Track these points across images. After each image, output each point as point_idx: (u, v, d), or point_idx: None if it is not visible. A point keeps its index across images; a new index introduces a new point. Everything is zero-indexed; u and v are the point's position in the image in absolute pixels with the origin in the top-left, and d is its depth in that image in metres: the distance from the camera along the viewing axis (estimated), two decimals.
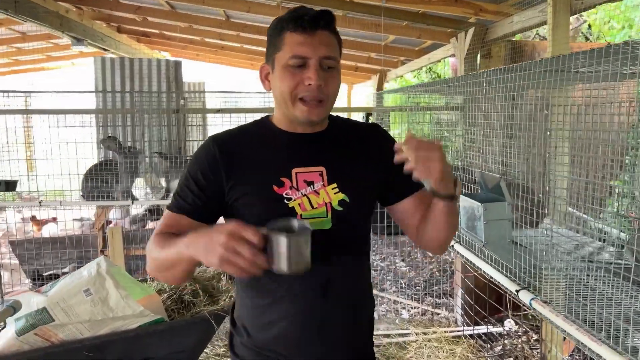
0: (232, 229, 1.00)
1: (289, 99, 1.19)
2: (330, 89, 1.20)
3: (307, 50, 1.15)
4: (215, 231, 1.02)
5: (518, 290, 1.46)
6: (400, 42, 5.22)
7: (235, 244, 0.98)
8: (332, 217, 1.21)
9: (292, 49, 1.16)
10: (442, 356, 3.47)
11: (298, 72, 1.17)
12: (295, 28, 1.16)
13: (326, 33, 1.18)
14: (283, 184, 1.21)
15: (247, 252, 0.98)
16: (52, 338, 2.10)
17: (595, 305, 1.25)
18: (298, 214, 1.19)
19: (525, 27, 3.09)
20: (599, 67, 1.50)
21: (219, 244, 0.99)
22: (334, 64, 1.20)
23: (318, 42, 1.16)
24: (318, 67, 1.16)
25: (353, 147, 1.31)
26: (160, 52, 8.62)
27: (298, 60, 1.16)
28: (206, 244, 1.02)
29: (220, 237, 0.99)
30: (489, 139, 2.41)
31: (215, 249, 0.99)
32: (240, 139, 1.28)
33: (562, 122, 2.00)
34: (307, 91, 1.17)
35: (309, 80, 1.15)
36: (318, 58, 1.16)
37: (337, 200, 1.22)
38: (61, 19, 5.00)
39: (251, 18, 5.09)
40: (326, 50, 1.17)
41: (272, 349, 1.24)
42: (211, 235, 1.02)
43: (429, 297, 4.66)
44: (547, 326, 2.65)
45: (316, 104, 1.18)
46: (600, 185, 1.86)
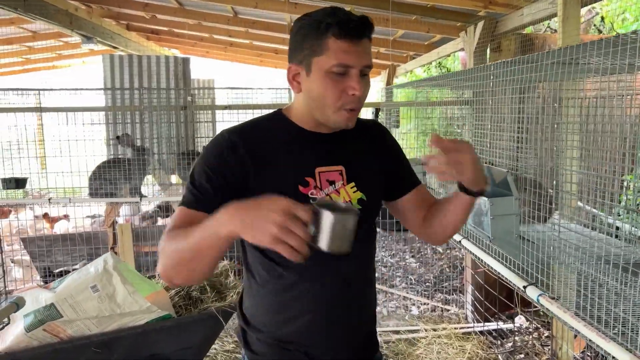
0: (286, 206, 0.93)
1: (332, 106, 1.17)
2: (365, 95, 1.20)
3: (353, 60, 1.13)
4: (266, 207, 0.93)
5: (525, 286, 1.44)
6: (409, 36, 5.18)
7: (289, 223, 0.91)
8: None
9: (338, 57, 1.13)
10: (452, 352, 3.45)
11: (340, 79, 1.15)
12: (340, 35, 1.12)
13: (368, 41, 1.17)
14: (308, 184, 1.21)
15: (301, 232, 0.92)
16: (61, 334, 2.12)
17: (604, 302, 1.22)
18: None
19: (535, 19, 3.05)
20: (609, 58, 1.46)
21: (273, 221, 0.91)
22: (369, 72, 1.20)
23: (362, 51, 1.15)
24: (360, 76, 1.15)
25: (362, 145, 1.33)
26: (170, 50, 8.65)
27: (342, 69, 1.14)
28: (255, 220, 0.93)
29: (274, 215, 0.91)
30: (498, 132, 2.38)
31: (266, 227, 0.91)
32: (257, 133, 1.25)
33: (573, 116, 1.97)
34: (351, 101, 1.16)
35: (353, 90, 1.14)
36: (362, 67, 1.15)
37: (357, 199, 1.25)
38: (71, 17, 5.03)
39: (259, 14, 5.08)
40: (368, 60, 1.16)
41: (295, 341, 1.25)
42: (260, 210, 0.94)
43: (438, 294, 4.63)
44: (557, 323, 2.62)
45: (356, 112, 1.20)
46: (611, 180, 1.83)
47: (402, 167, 1.38)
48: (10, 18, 6.04)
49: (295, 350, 1.25)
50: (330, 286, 1.24)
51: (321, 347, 1.26)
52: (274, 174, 1.20)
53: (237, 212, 0.96)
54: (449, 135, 3.86)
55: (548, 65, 1.70)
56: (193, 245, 1.02)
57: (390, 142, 1.40)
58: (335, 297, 1.25)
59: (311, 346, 1.25)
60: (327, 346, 1.26)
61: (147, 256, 4.06)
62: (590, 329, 1.12)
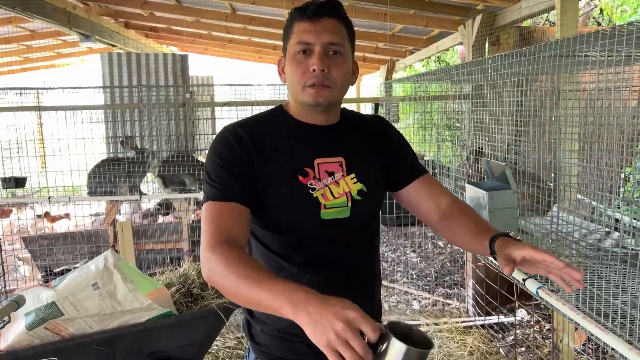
0: (352, 316, 0.86)
1: (298, 86, 1.22)
2: (336, 74, 1.22)
3: (311, 37, 1.20)
4: (329, 307, 0.88)
5: (525, 279, 1.44)
6: (407, 31, 5.16)
7: (350, 335, 0.84)
8: (352, 207, 1.26)
9: (298, 37, 1.21)
10: (454, 346, 3.46)
11: (304, 59, 1.20)
12: (301, 17, 1.21)
13: (332, 20, 1.22)
14: (307, 174, 1.24)
15: (359, 349, 0.84)
16: (62, 332, 2.12)
17: (603, 294, 1.23)
18: (322, 203, 1.23)
19: (533, 12, 3.04)
20: (608, 50, 1.46)
21: (332, 328, 0.85)
22: (340, 49, 1.22)
23: (322, 29, 1.20)
24: (322, 53, 1.19)
25: (363, 138, 1.35)
26: (169, 47, 8.64)
27: (303, 46, 1.20)
28: (317, 320, 0.88)
29: (337, 323, 0.85)
30: (498, 126, 2.38)
31: (325, 331, 0.86)
32: (259, 127, 1.29)
33: (572, 108, 1.97)
34: (312, 77, 1.20)
35: (312, 65, 1.19)
36: (322, 44, 1.19)
37: (356, 190, 1.27)
38: (69, 16, 5.03)
39: (256, 10, 5.07)
40: (330, 37, 1.20)
41: (298, 333, 1.25)
42: (326, 312, 0.88)
43: (440, 288, 4.64)
44: (558, 315, 2.62)
45: (322, 88, 1.21)
46: (610, 172, 1.83)
47: (406, 158, 1.39)
48: (9, 17, 6.03)
49: (298, 342, 1.27)
50: (332, 278, 1.26)
51: None
52: (275, 166, 1.24)
53: (306, 301, 0.92)
54: (448, 129, 3.86)
55: (546, 57, 1.70)
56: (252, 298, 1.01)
57: (393, 134, 1.41)
58: (337, 289, 1.21)
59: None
60: None
61: (148, 254, 4.07)
62: (589, 321, 1.13)
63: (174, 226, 4.31)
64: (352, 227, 1.27)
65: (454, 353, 3.38)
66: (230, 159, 1.21)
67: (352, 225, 1.27)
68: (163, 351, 2.33)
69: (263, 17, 5.34)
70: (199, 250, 1.16)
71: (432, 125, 3.91)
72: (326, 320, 0.86)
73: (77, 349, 2.18)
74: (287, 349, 1.29)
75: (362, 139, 1.35)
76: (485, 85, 2.21)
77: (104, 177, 3.69)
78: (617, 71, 1.88)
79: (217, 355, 3.40)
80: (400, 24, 4.44)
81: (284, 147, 1.26)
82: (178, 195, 3.96)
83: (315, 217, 1.23)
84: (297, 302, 0.92)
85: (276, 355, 1.30)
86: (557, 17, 2.57)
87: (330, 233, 1.25)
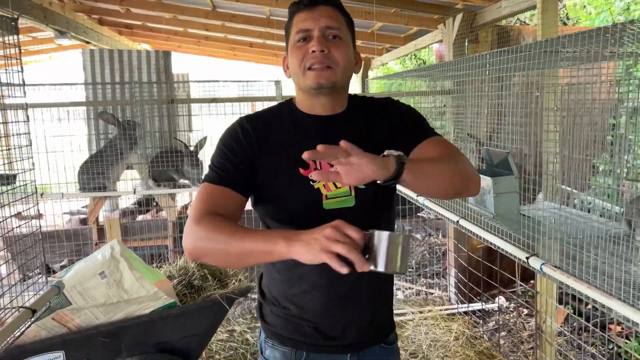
0: (336, 223, 1.02)
1: (299, 71, 1.26)
2: (337, 55, 1.24)
3: (309, 23, 1.25)
4: (319, 229, 1.03)
5: (528, 257, 1.55)
6: (386, 29, 5.28)
7: (339, 236, 1.00)
8: (356, 196, 1.28)
9: (297, 26, 1.27)
10: (439, 332, 3.60)
11: (304, 45, 1.25)
12: (298, 9, 1.28)
13: (328, 7, 1.27)
14: (308, 166, 1.28)
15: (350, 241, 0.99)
16: (69, 323, 2.14)
17: (597, 272, 1.35)
18: (323, 194, 1.27)
19: (514, 11, 3.18)
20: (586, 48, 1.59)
21: (322, 235, 1.00)
22: (339, 34, 1.26)
23: (319, 15, 1.25)
24: (321, 36, 1.24)
25: (371, 124, 1.35)
26: (141, 45, 8.53)
27: (302, 34, 1.25)
28: (308, 241, 1.02)
29: (324, 230, 1.01)
30: (481, 120, 2.51)
31: (317, 241, 1.00)
32: (266, 120, 1.35)
33: (554, 101, 2.10)
34: (312, 58, 1.24)
35: (312, 47, 1.23)
36: (320, 28, 1.24)
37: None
38: (45, 12, 4.94)
39: (239, 7, 5.09)
40: (327, 22, 1.25)
41: (302, 316, 1.33)
42: (315, 233, 1.02)
43: (422, 278, 4.78)
44: (541, 298, 2.78)
45: (324, 69, 1.24)
46: (589, 162, 1.97)
47: (407, 125, 1.35)
48: None
49: (305, 325, 1.33)
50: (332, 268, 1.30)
51: (329, 323, 1.33)
52: (277, 159, 1.29)
53: (298, 234, 1.05)
54: None
55: (532, 54, 1.82)
56: (246, 249, 1.11)
57: (395, 109, 1.39)
58: (338, 278, 1.21)
59: (319, 322, 1.33)
60: (335, 322, 1.33)
61: (136, 250, 4.06)
62: (592, 290, 1.25)
63: (162, 223, 4.31)
64: (359, 216, 1.27)
65: (440, 338, 3.52)
66: (234, 148, 1.28)
67: (359, 214, 1.28)
68: (168, 342, 2.38)
69: (244, 14, 5.36)
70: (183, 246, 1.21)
71: None
72: (316, 235, 1.01)
73: (83, 341, 2.21)
74: (294, 330, 1.35)
75: (368, 124, 1.35)
76: (474, 80, 2.33)
77: (98, 172, 3.66)
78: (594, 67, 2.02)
79: (210, 348, 3.45)
80: (381, 22, 4.55)
81: (288, 139, 1.31)
82: (169, 190, 3.96)
83: (317, 208, 1.27)
84: (289, 236, 1.06)
85: (283, 335, 1.36)
86: (538, 16, 2.72)
87: None
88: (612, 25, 1.41)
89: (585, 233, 1.55)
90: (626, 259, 1.46)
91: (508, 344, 3.49)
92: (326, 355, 1.35)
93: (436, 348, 3.40)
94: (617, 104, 1.70)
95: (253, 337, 3.59)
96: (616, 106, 1.70)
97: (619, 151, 1.68)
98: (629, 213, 1.68)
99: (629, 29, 1.39)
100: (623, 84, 1.85)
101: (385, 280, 1.42)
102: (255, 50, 7.82)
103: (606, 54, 1.51)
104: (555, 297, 2.73)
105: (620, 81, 1.90)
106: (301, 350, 1.35)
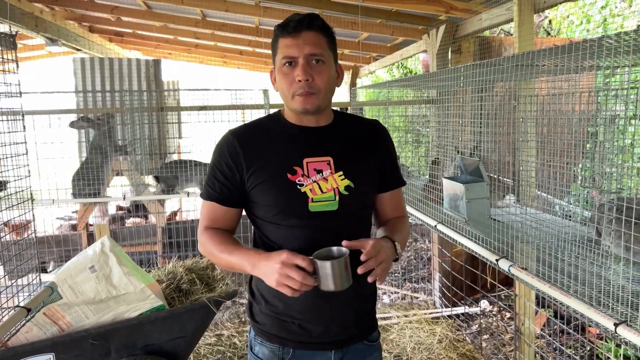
0: (285, 258, 1.23)
1: (288, 95, 1.38)
2: (320, 81, 1.37)
3: (294, 51, 1.35)
4: (272, 259, 1.27)
5: (498, 259, 1.64)
6: (373, 39, 5.39)
7: (287, 270, 1.22)
8: (339, 201, 1.40)
9: (283, 52, 1.37)
10: (424, 336, 3.68)
11: (290, 71, 1.36)
12: (282, 34, 1.36)
13: (311, 33, 1.36)
14: (296, 172, 1.39)
15: (297, 277, 1.22)
16: (60, 321, 2.19)
17: (563, 274, 1.44)
18: (309, 197, 1.38)
19: (493, 24, 3.30)
20: (562, 61, 1.69)
21: (275, 270, 1.24)
22: (322, 58, 1.37)
23: (303, 42, 1.35)
24: (305, 64, 1.34)
25: (356, 139, 1.49)
26: (131, 52, 8.59)
27: (288, 60, 1.36)
28: (265, 270, 1.28)
29: (276, 265, 1.24)
30: (463, 127, 2.61)
31: (272, 274, 1.25)
32: (256, 131, 1.46)
33: (531, 111, 2.21)
34: (299, 87, 1.35)
35: (297, 76, 1.35)
36: (304, 56, 1.34)
37: (344, 186, 1.41)
38: (36, 20, 5.00)
39: (229, 17, 5.18)
40: (311, 48, 1.35)
41: (288, 314, 1.43)
42: (268, 262, 1.28)
43: (407, 283, 4.86)
44: (520, 301, 2.87)
45: (309, 95, 1.36)
46: (566, 169, 2.07)
47: (392, 166, 1.55)
48: None
49: (291, 322, 1.43)
50: None
51: (313, 321, 1.42)
52: (266, 166, 1.40)
53: (258, 262, 1.32)
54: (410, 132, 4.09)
55: (510, 67, 1.92)
56: (229, 263, 1.42)
57: (388, 141, 1.56)
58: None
59: (304, 320, 1.42)
60: (319, 320, 1.43)
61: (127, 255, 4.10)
62: (554, 289, 1.34)
63: (151, 228, 4.36)
64: (340, 219, 1.40)
65: (424, 341, 3.60)
66: (221, 166, 1.43)
67: (340, 218, 1.40)
68: (156, 344, 2.43)
69: (234, 23, 5.45)
70: (171, 252, 1.44)
71: (394, 128, 4.13)
72: (270, 268, 1.26)
73: (73, 344, 2.26)
74: (281, 328, 1.45)
75: (356, 139, 1.49)
76: (458, 91, 2.43)
77: (91, 178, 3.71)
78: (569, 78, 2.13)
79: (199, 352, 3.50)
80: (367, 32, 4.66)
81: (276, 148, 1.43)
82: (159, 197, 4.02)
83: (303, 210, 1.38)
84: (253, 263, 1.33)
85: (271, 332, 1.46)
86: (515, 29, 2.83)
87: (319, 224, 1.39)
88: (583, 41, 1.51)
89: (552, 236, 1.64)
90: (591, 262, 1.56)
91: (490, 346, 3.58)
92: (311, 352, 1.45)
93: (420, 351, 3.47)
94: (580, 116, 1.81)
95: (241, 341, 3.65)
96: (580, 120, 1.80)
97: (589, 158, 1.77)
98: (595, 218, 1.78)
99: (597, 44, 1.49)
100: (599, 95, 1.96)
101: (365, 280, 1.50)
102: (245, 58, 7.92)
103: (571, 66, 1.61)
104: (533, 300, 2.82)
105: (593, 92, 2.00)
106: (288, 347, 1.45)
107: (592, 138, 1.96)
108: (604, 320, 1.19)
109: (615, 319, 1.18)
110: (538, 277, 1.43)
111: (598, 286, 1.31)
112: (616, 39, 1.23)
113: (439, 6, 3.55)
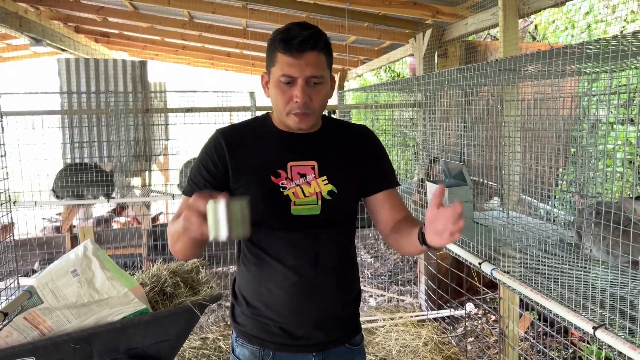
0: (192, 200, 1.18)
1: (282, 110, 1.36)
2: (316, 102, 1.36)
3: (294, 71, 1.31)
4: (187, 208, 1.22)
5: (480, 263, 1.65)
6: (360, 42, 5.41)
7: (190, 214, 1.16)
8: (322, 205, 1.40)
9: (283, 69, 1.31)
10: (409, 338, 3.68)
11: (288, 88, 1.33)
12: (285, 50, 1.30)
13: (314, 54, 1.31)
14: (279, 175, 1.39)
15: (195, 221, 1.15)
16: (41, 325, 2.16)
17: (545, 278, 1.45)
18: (292, 200, 1.38)
19: (478, 28, 3.33)
20: (545, 66, 1.71)
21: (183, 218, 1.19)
22: (320, 80, 1.34)
23: (304, 64, 1.30)
24: (304, 85, 1.32)
25: (342, 144, 1.48)
26: (117, 52, 8.53)
27: (287, 79, 1.32)
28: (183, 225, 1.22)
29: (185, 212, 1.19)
30: (448, 131, 2.62)
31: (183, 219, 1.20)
32: (243, 132, 1.46)
33: (515, 116, 2.23)
34: (296, 108, 1.34)
35: (296, 97, 1.32)
36: (305, 78, 1.31)
37: (327, 191, 1.41)
38: (20, 20, 4.94)
39: (216, 19, 5.17)
40: (312, 70, 1.31)
41: (269, 316, 1.42)
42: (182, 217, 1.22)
43: (394, 286, 4.88)
44: (504, 304, 2.89)
45: (305, 115, 1.35)
46: (548, 173, 2.09)
47: (381, 167, 1.51)
48: None
49: (271, 324, 1.43)
50: (301, 267, 1.39)
51: (294, 323, 1.42)
52: (250, 167, 1.40)
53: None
54: (397, 135, 4.11)
55: (494, 72, 1.94)
56: (175, 231, 1.33)
57: (373, 144, 1.53)
58: (306, 277, 1.40)
59: (285, 322, 1.42)
60: (300, 322, 1.42)
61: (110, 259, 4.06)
62: (534, 292, 1.35)
63: (136, 231, 4.32)
64: (322, 223, 1.40)
65: (409, 344, 3.61)
66: (206, 163, 1.41)
67: (322, 222, 1.40)
68: (139, 347, 2.41)
69: (221, 25, 5.44)
70: (157, 254, 1.40)
71: (381, 132, 4.15)
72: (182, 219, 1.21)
73: (54, 347, 2.23)
74: (261, 329, 1.44)
75: (341, 145, 1.48)
76: (444, 94, 2.44)
77: (73, 180, 3.66)
78: (552, 84, 2.15)
79: (183, 356, 3.48)
80: (355, 35, 4.67)
81: (261, 150, 1.43)
82: (144, 199, 3.99)
83: (285, 212, 1.38)
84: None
85: (252, 334, 1.46)
86: (500, 34, 2.86)
87: (301, 227, 1.39)
88: (564, 47, 1.53)
89: (535, 240, 1.65)
90: (572, 266, 1.57)
91: (475, 349, 3.60)
92: (292, 354, 1.44)
93: (405, 354, 3.48)
94: (564, 120, 1.83)
95: (226, 344, 3.63)
96: (564, 124, 1.82)
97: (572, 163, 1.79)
98: (577, 223, 1.80)
99: (578, 50, 1.51)
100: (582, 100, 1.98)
101: (351, 282, 1.52)
102: (233, 60, 7.90)
103: (551, 71, 1.63)
104: (517, 303, 2.84)
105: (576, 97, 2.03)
106: (268, 349, 1.44)
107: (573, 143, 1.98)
108: (583, 323, 1.20)
109: (595, 322, 1.20)
110: (520, 280, 1.44)
111: (579, 290, 1.33)
112: (596, 45, 1.24)
113: (426, 10, 3.57)
